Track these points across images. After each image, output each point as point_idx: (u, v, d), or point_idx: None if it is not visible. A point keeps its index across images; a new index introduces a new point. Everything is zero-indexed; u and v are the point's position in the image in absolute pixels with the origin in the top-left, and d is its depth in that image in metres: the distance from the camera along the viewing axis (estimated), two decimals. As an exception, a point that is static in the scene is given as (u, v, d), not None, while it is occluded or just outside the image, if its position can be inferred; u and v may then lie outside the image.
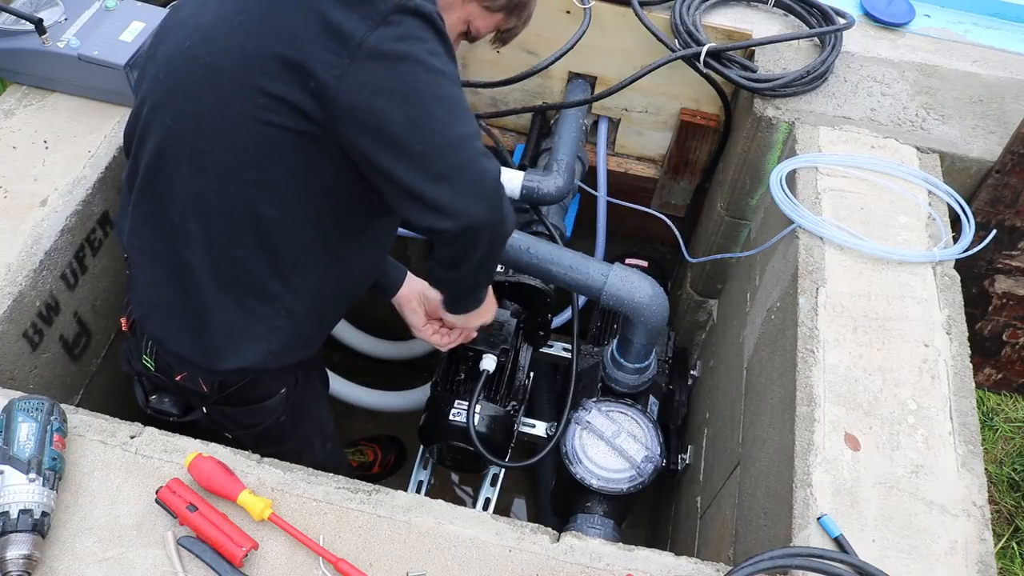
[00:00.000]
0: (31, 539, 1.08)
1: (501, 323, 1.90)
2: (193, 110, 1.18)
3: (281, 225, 1.22)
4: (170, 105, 1.21)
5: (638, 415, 1.86)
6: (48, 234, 1.52)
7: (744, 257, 2.02)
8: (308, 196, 1.21)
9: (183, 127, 1.20)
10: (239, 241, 1.22)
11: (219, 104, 1.16)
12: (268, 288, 1.27)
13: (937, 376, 1.41)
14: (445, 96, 1.14)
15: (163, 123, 1.22)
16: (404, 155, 1.12)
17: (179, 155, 1.21)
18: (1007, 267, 1.99)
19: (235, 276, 1.25)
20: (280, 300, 1.28)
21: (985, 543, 1.23)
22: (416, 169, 1.12)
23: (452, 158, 1.14)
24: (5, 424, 1.14)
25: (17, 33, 1.68)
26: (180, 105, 1.20)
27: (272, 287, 1.27)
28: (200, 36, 1.18)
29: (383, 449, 2.58)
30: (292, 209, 1.22)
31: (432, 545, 1.19)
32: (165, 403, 1.42)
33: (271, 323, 1.30)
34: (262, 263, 1.24)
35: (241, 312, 1.27)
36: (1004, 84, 1.97)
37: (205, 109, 1.17)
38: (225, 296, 1.26)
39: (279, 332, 1.31)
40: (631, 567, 1.20)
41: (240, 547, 1.12)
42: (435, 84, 1.12)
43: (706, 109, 2.25)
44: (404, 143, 1.11)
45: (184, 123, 1.20)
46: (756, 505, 1.49)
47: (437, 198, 1.14)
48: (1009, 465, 2.36)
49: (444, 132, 1.13)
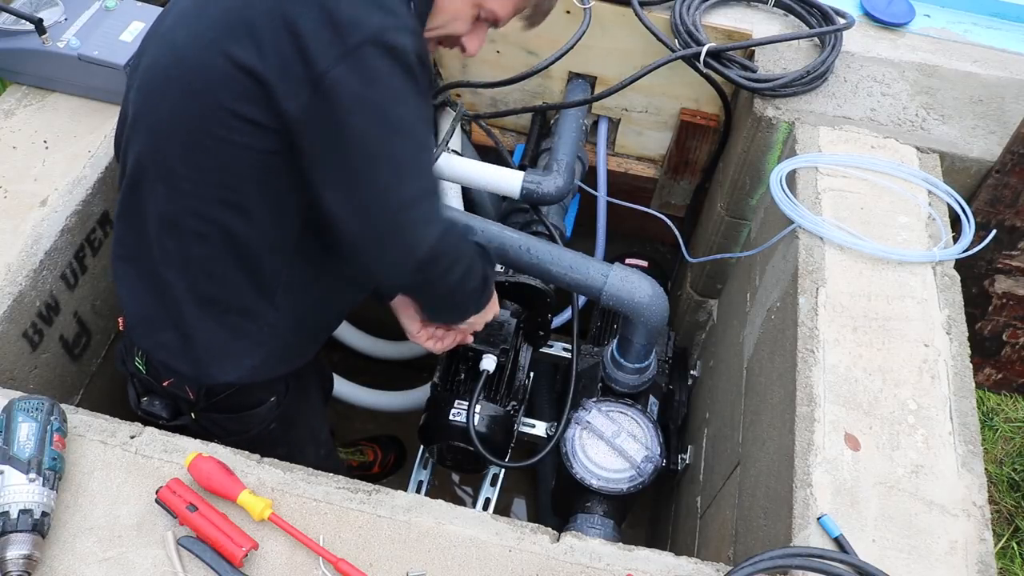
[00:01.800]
0: (31, 539, 1.08)
1: (501, 323, 1.89)
2: (166, 129, 1.17)
3: (260, 244, 1.21)
4: (146, 121, 1.20)
5: (638, 415, 1.86)
6: (48, 234, 1.52)
7: (744, 257, 2.02)
8: (285, 214, 1.19)
9: (157, 145, 1.19)
10: (217, 260, 1.21)
11: (190, 124, 1.14)
12: (250, 305, 1.26)
13: (937, 376, 1.41)
14: (395, 155, 1.10)
15: (140, 139, 1.20)
16: (343, 202, 1.11)
17: (155, 174, 1.20)
18: (1007, 267, 1.99)
19: (215, 294, 1.23)
20: (264, 317, 1.27)
21: (985, 543, 1.23)
22: (351, 220, 1.12)
23: (385, 224, 1.13)
24: (5, 424, 1.14)
25: (17, 33, 1.68)
26: (154, 123, 1.18)
27: (254, 304, 1.26)
28: (173, 53, 1.15)
29: (383, 449, 2.58)
30: (270, 228, 1.20)
31: (432, 545, 1.19)
32: (155, 406, 1.41)
33: (256, 339, 1.28)
34: (242, 281, 1.23)
35: (223, 329, 1.26)
36: (1004, 84, 1.97)
37: (177, 128, 1.15)
38: (206, 313, 1.25)
39: (264, 347, 1.30)
40: (631, 567, 1.20)
41: (240, 547, 1.12)
42: (388, 141, 1.09)
43: (706, 109, 2.25)
44: (345, 191, 1.10)
45: (158, 141, 1.18)
46: (756, 505, 1.49)
47: (364, 254, 1.15)
48: (1009, 465, 2.36)
49: (384, 195, 1.11)
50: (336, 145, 1.08)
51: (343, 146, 1.08)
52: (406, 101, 1.09)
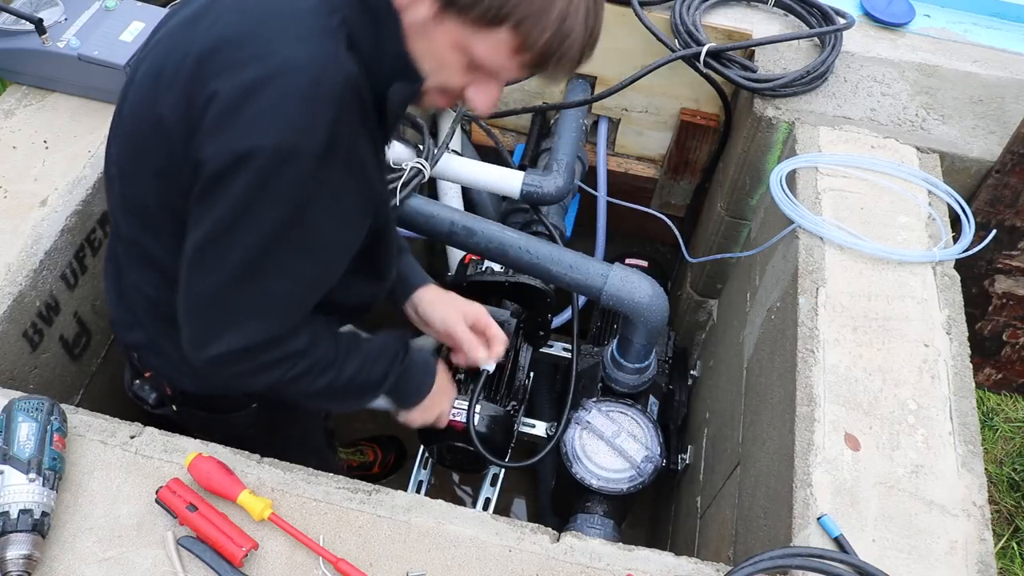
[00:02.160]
0: (31, 539, 1.08)
1: (501, 323, 1.89)
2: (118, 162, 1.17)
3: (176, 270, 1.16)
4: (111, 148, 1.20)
5: (638, 415, 1.86)
6: (48, 234, 1.52)
7: (744, 257, 2.02)
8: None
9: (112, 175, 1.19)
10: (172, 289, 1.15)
11: (131, 166, 1.13)
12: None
13: (937, 376, 1.41)
14: (236, 261, 1.03)
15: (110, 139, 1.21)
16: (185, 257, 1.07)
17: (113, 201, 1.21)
18: (1007, 267, 1.99)
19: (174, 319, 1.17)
20: None
21: (985, 543, 1.23)
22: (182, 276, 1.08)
23: (191, 304, 1.08)
24: (5, 424, 1.14)
25: (17, 33, 1.68)
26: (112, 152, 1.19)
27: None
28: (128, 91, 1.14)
29: (383, 449, 2.58)
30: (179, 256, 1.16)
31: (432, 545, 1.19)
32: (144, 390, 1.41)
33: None
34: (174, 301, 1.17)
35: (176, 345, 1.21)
36: (1004, 84, 1.97)
37: (123, 166, 1.16)
38: (166, 336, 1.24)
39: None
40: (631, 567, 1.20)
41: (240, 547, 1.12)
42: (236, 243, 1.02)
43: (706, 109, 2.25)
44: (188, 249, 1.06)
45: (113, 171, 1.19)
46: (756, 505, 1.49)
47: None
48: (1009, 465, 2.36)
49: (203, 282, 1.05)
50: (199, 216, 1.04)
51: (201, 220, 1.03)
52: (269, 213, 1.00)
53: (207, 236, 1.02)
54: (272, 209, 0.99)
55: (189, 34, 1.04)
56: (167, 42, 1.09)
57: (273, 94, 0.95)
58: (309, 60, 0.96)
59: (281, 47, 0.97)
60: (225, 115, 0.97)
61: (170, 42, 1.08)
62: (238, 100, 0.96)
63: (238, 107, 0.96)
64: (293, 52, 0.96)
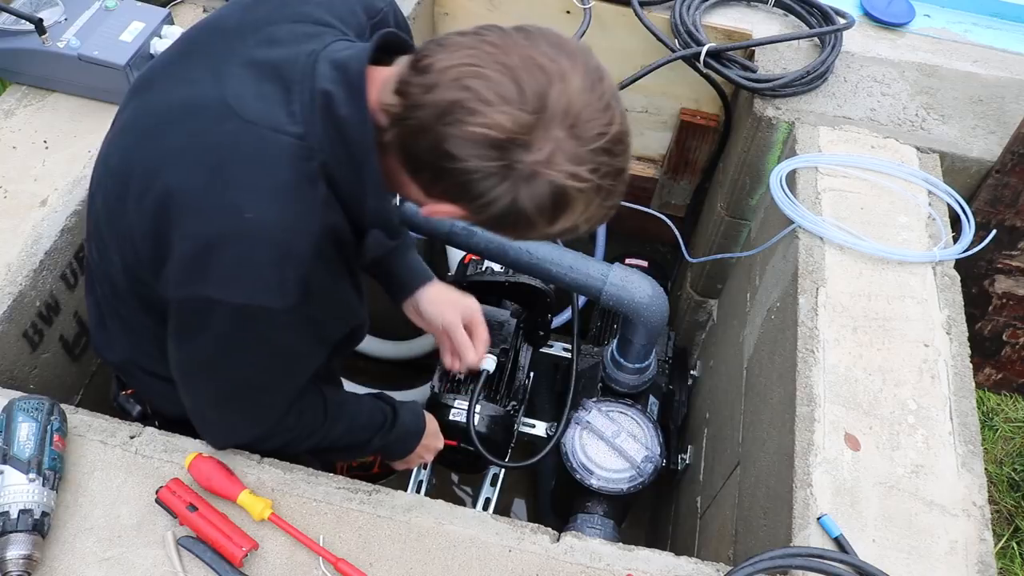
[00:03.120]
0: (31, 539, 1.08)
1: (501, 323, 1.89)
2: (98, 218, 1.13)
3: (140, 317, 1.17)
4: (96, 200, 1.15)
5: (638, 415, 1.86)
6: (48, 234, 1.52)
7: (744, 257, 2.02)
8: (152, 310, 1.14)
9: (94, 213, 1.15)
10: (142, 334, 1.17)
11: (107, 229, 1.10)
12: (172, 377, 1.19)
13: (937, 376, 1.41)
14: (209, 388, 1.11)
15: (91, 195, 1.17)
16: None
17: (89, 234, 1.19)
18: (1007, 267, 1.99)
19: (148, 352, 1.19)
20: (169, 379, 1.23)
21: (985, 543, 1.23)
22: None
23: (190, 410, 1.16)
24: (5, 424, 1.14)
25: (17, 33, 1.68)
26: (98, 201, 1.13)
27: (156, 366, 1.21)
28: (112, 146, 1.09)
29: (383, 449, 2.58)
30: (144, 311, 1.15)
31: (432, 545, 1.19)
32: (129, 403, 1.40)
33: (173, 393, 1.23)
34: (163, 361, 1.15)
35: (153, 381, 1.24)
36: (1004, 84, 1.97)
37: (100, 226, 1.12)
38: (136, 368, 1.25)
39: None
40: (631, 567, 1.20)
41: (240, 547, 1.12)
42: (209, 374, 1.08)
43: (706, 109, 2.25)
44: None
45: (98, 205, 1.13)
46: (756, 505, 1.49)
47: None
48: (1009, 465, 2.36)
49: (194, 399, 1.14)
50: (178, 338, 1.06)
51: (181, 345, 1.06)
52: (245, 352, 1.03)
53: (190, 362, 1.08)
54: (249, 349, 1.03)
55: (161, 147, 0.98)
56: (140, 131, 1.03)
57: (241, 252, 0.93)
58: (280, 219, 0.93)
59: (251, 201, 0.92)
60: (193, 268, 0.95)
61: (144, 138, 1.02)
62: (203, 255, 0.93)
63: (205, 263, 0.94)
64: (263, 210, 0.92)
